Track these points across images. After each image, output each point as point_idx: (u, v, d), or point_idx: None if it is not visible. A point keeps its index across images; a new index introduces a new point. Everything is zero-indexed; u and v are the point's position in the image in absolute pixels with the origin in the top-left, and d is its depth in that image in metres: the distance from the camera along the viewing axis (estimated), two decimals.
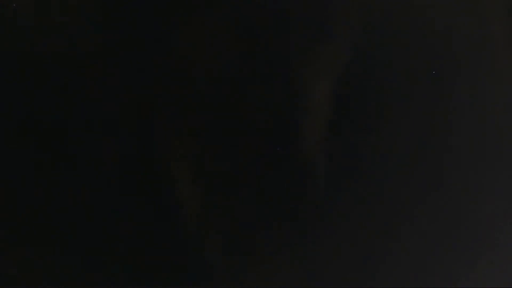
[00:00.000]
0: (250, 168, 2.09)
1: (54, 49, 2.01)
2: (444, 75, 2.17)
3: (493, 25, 2.17)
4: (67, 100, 2.02)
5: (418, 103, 2.16)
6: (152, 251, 2.08)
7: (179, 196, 2.08)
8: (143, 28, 2.04)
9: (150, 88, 2.04)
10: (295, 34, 2.11)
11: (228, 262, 2.07)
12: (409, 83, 2.17)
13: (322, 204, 2.15)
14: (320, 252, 2.12)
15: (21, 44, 2.01)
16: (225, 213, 2.10)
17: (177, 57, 2.03)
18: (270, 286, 2.11)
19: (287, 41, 2.10)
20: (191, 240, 2.06)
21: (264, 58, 2.11)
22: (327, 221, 2.14)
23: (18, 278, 2.02)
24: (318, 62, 2.12)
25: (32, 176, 2.03)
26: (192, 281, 2.07)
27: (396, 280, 2.17)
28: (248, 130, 2.10)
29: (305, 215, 2.12)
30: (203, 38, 2.06)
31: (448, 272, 2.21)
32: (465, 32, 2.15)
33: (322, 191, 2.12)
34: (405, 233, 2.19)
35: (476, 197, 2.15)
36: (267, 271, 2.13)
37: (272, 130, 2.10)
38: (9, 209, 2.02)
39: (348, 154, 2.14)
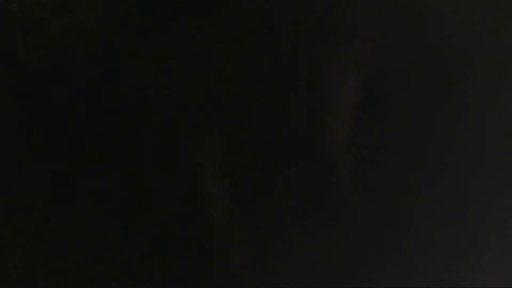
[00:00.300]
0: (277, 168, 2.11)
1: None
2: (468, 75, 2.21)
3: None
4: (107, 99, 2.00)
5: (444, 102, 2.19)
6: (179, 252, 2.08)
7: (206, 195, 2.08)
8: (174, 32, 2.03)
9: (183, 88, 2.02)
10: (320, 34, 2.12)
11: (254, 262, 2.08)
12: (434, 83, 2.20)
13: (346, 203, 2.17)
14: (345, 252, 2.14)
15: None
16: (252, 213, 2.11)
17: (204, 59, 2.03)
18: (297, 287, 2.12)
19: (312, 41, 2.11)
20: (218, 240, 2.07)
21: (291, 58, 2.11)
22: (352, 220, 2.16)
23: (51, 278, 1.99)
24: (344, 62, 2.13)
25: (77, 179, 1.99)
26: (218, 281, 2.08)
27: (417, 280, 2.20)
28: (274, 130, 2.10)
29: (330, 214, 2.14)
30: (231, 39, 2.06)
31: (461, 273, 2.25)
32: (483, 32, 2.19)
33: (347, 191, 2.14)
34: (427, 233, 2.22)
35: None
36: (293, 271, 2.14)
37: (298, 129, 2.11)
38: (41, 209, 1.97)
39: (373, 153, 2.16)
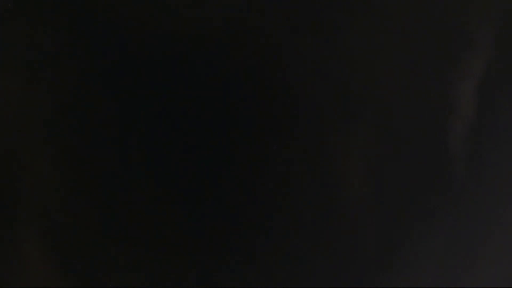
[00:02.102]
0: (414, 166, 2.17)
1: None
2: None
3: None
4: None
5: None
6: (318, 235, 2.15)
7: (349, 194, 2.15)
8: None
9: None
10: (442, 41, 2.18)
11: (383, 244, 2.14)
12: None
13: (461, 199, 2.21)
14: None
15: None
16: (386, 203, 2.18)
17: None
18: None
19: (434, 48, 2.17)
20: (353, 223, 2.14)
21: (415, 64, 2.18)
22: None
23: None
24: (463, 66, 2.18)
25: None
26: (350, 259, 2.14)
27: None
28: (396, 131, 2.17)
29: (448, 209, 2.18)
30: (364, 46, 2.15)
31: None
32: None
33: (464, 186, 2.17)
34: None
35: None
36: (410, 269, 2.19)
37: (420, 130, 2.17)
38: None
39: (489, 152, 2.20)
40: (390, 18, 2.14)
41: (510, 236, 2.27)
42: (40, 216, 1.99)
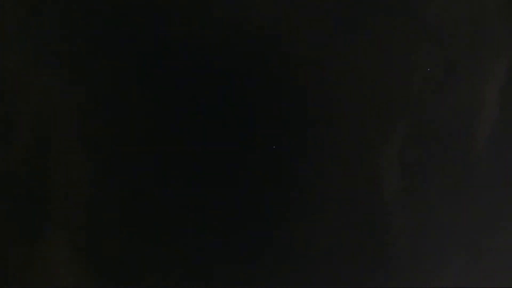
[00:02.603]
0: (437, 163, 2.30)
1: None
2: None
3: None
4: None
5: None
6: (357, 226, 2.22)
7: (383, 180, 2.26)
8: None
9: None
10: (472, 50, 2.34)
11: (415, 237, 2.24)
12: None
13: (485, 195, 2.32)
14: None
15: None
16: (419, 199, 2.30)
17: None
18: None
19: (465, 56, 2.33)
20: (387, 217, 2.23)
21: (447, 71, 2.33)
22: None
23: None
24: (487, 71, 2.34)
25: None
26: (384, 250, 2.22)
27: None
28: (429, 131, 2.31)
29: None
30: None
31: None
32: None
33: (488, 182, 2.30)
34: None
35: None
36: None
37: (449, 130, 2.32)
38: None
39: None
40: (424, 23, 2.25)
41: None
42: (71, 212, 2.05)
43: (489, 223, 2.37)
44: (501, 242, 2.42)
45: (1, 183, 2.00)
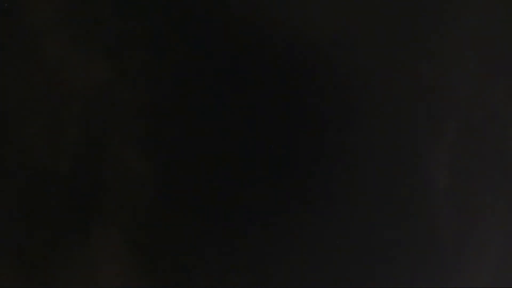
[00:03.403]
0: (482, 163, 2.22)
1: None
2: None
3: None
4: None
5: None
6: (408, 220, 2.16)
7: (433, 188, 2.19)
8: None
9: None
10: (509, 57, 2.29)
11: (460, 229, 2.18)
12: None
13: None
14: None
15: None
16: (464, 198, 2.23)
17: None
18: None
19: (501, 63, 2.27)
20: (435, 214, 2.16)
21: (485, 76, 2.28)
22: None
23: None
24: None
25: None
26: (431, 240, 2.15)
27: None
28: (473, 131, 2.24)
29: None
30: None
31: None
32: None
33: None
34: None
35: None
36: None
37: (491, 130, 2.24)
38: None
39: None
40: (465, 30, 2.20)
41: None
42: (124, 210, 1.92)
43: None
44: None
45: (57, 180, 1.87)
